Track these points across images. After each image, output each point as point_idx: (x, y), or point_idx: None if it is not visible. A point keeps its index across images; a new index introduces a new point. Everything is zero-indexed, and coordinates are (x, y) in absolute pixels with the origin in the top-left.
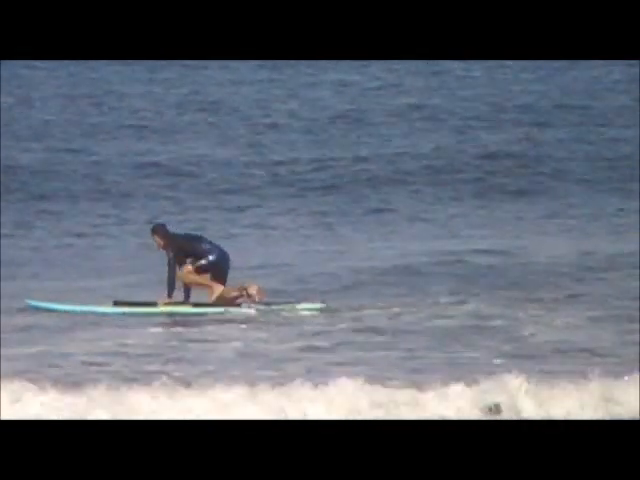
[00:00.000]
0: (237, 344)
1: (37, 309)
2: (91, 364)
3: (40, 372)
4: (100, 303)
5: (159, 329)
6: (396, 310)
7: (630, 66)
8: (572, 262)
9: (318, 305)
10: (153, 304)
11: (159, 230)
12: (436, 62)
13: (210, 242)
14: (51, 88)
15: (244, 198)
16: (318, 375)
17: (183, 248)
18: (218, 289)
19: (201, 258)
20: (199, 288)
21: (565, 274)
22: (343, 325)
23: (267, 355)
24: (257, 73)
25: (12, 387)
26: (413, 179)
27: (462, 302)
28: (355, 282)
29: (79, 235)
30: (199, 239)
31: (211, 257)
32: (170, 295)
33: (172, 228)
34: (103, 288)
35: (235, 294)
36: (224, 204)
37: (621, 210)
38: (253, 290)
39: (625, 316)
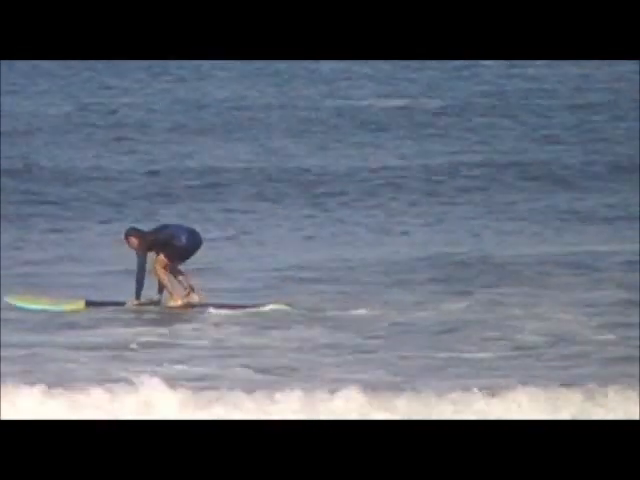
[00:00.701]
0: (211, 345)
1: (12, 307)
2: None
3: (21, 371)
4: (76, 300)
5: (132, 328)
6: (389, 310)
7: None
8: (569, 259)
9: (284, 307)
10: (122, 304)
11: (132, 232)
12: (434, 61)
13: (176, 225)
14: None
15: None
16: (312, 376)
17: (155, 241)
18: (177, 298)
19: (172, 243)
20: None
21: (562, 271)
22: (329, 325)
23: (256, 357)
24: (244, 70)
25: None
26: (408, 177)
27: (456, 300)
28: (346, 281)
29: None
30: (165, 227)
31: (182, 240)
32: (138, 297)
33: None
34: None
35: (182, 280)
36: (213, 203)
37: (613, 207)
38: (195, 297)
39: (622, 313)
